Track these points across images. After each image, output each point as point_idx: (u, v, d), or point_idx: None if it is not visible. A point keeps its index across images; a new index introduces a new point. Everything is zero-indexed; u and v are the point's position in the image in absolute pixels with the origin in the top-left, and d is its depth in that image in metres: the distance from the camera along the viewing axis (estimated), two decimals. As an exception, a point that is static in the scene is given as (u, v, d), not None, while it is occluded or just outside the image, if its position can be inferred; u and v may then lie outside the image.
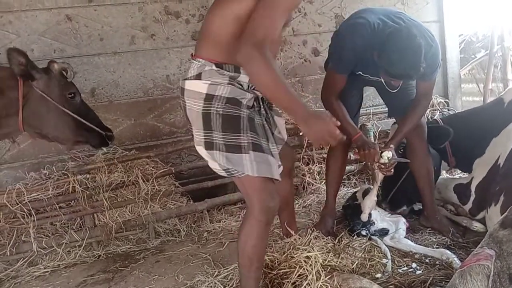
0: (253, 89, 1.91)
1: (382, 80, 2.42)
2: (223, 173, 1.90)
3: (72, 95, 2.54)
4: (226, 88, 1.83)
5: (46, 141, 2.74)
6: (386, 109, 2.94)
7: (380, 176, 2.56)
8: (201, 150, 1.91)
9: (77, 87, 2.63)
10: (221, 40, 1.83)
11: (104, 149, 2.99)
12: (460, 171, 3.45)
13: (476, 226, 2.68)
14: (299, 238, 2.37)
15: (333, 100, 2.52)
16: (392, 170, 2.50)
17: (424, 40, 2.27)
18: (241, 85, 1.88)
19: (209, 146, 1.86)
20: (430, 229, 2.72)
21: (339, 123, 1.70)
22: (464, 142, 2.87)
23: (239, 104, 1.85)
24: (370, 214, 2.64)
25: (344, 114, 2.51)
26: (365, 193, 2.72)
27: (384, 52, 2.21)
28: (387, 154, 2.43)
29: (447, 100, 4.30)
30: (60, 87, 2.50)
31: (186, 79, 1.88)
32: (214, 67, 1.84)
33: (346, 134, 2.40)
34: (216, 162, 1.86)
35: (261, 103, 1.95)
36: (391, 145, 2.49)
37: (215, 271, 2.45)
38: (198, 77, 1.84)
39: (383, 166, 2.46)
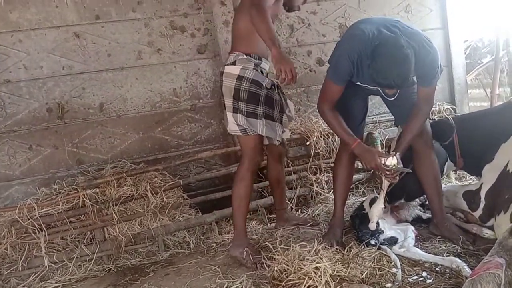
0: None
1: (379, 89, 2.44)
2: (239, 133, 2.67)
3: None
4: (252, 72, 2.62)
5: None
6: (393, 117, 2.94)
7: (385, 184, 2.55)
8: (229, 114, 2.66)
9: None
10: (247, 37, 2.62)
11: None
12: (468, 174, 3.45)
13: (486, 233, 2.64)
14: (308, 249, 2.38)
15: (326, 110, 2.55)
16: (398, 177, 2.49)
17: (421, 48, 2.29)
18: (261, 71, 2.69)
19: (235, 110, 2.63)
20: (439, 237, 2.69)
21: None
22: (473, 144, 2.85)
23: (260, 85, 2.64)
24: (378, 223, 2.63)
25: (339, 122, 2.53)
26: (372, 202, 2.70)
27: (373, 62, 2.25)
28: (392, 161, 2.43)
29: (454, 107, 4.28)
30: None
31: (225, 65, 2.69)
32: (244, 56, 2.64)
33: (344, 143, 2.47)
34: (236, 123, 2.64)
35: (276, 89, 2.76)
36: (397, 153, 2.49)
37: (225, 283, 2.46)
38: (233, 63, 2.64)
39: (388, 173, 2.46)
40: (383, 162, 2.43)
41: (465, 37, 4.85)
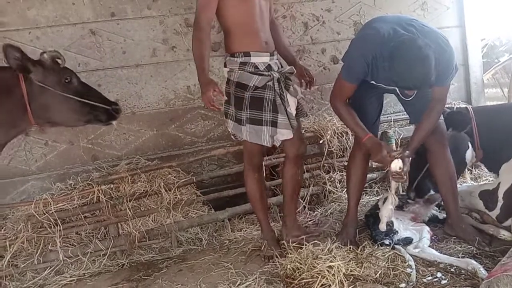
0: (279, 71, 2.58)
1: (396, 89, 2.41)
2: (233, 137, 2.66)
3: (68, 79, 2.57)
4: (237, 74, 2.50)
5: (57, 127, 2.94)
6: (407, 115, 2.91)
7: (394, 184, 2.53)
8: (224, 117, 2.65)
9: (71, 70, 2.65)
10: (228, 35, 2.53)
11: (114, 123, 2.73)
12: (483, 175, 3.41)
13: (503, 235, 2.60)
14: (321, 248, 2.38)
15: (339, 105, 2.55)
16: (405, 177, 2.48)
17: (438, 46, 2.25)
18: (256, 66, 2.50)
19: (226, 115, 2.61)
20: (455, 237, 2.67)
21: (215, 93, 2.32)
22: (493, 138, 2.79)
23: (245, 87, 2.48)
24: (391, 223, 2.60)
25: (353, 117, 2.53)
26: (386, 199, 2.67)
27: (392, 65, 2.21)
28: (398, 164, 2.39)
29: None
30: (55, 74, 2.55)
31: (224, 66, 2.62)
32: (229, 56, 2.53)
33: (356, 137, 2.45)
34: (228, 128, 2.61)
35: (276, 84, 2.52)
36: (407, 152, 2.47)
37: (237, 280, 2.46)
38: (225, 65, 2.59)
39: (395, 174, 2.44)
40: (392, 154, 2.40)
41: (482, 36, 4.79)
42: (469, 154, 2.87)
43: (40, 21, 3.39)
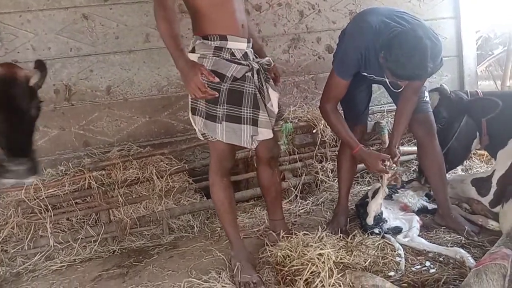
0: (256, 61, 2.23)
1: (387, 80, 2.41)
2: (201, 137, 2.25)
3: None
4: (210, 61, 2.11)
5: None
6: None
7: (385, 179, 2.54)
8: (190, 115, 2.21)
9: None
10: (199, 13, 2.13)
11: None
12: (474, 167, 3.43)
13: (492, 225, 2.63)
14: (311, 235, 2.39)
15: (330, 110, 2.52)
16: (400, 178, 2.55)
17: (429, 40, 2.25)
18: (233, 54, 2.15)
19: (193, 111, 2.19)
20: (444, 227, 2.69)
21: (203, 76, 1.96)
22: (499, 124, 2.75)
23: (221, 77, 2.10)
24: (380, 213, 2.62)
25: (343, 125, 2.53)
26: (375, 192, 2.69)
27: (391, 55, 2.19)
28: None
29: (463, 98, 4.23)
30: None
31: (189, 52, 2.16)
32: (201, 40, 2.15)
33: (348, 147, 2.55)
34: (196, 126, 2.20)
35: (256, 75, 2.19)
36: (396, 150, 2.52)
37: (228, 267, 2.47)
38: (193, 50, 2.17)
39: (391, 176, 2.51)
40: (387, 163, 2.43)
41: (477, 28, 4.78)
42: (475, 143, 2.88)
43: (32, 4, 3.34)
